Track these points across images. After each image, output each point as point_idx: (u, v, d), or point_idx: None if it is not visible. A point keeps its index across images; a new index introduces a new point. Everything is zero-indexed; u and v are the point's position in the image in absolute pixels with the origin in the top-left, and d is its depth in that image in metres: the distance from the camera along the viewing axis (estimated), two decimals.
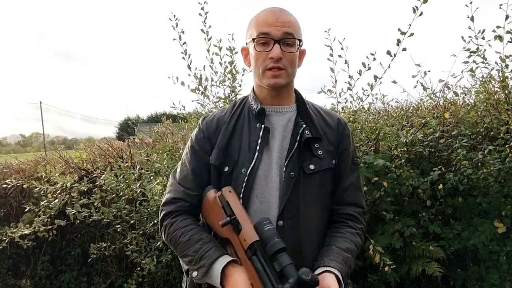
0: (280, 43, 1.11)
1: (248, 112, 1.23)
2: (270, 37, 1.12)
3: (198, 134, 1.26)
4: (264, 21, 1.13)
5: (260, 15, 1.17)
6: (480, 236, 2.33)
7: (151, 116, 31.94)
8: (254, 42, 1.14)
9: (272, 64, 1.12)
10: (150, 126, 4.74)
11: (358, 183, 1.25)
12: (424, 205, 2.43)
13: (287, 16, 1.15)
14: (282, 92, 1.21)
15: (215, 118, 1.26)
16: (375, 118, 2.62)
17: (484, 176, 2.20)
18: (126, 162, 2.95)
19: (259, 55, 1.14)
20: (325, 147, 1.18)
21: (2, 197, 3.62)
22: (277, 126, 1.20)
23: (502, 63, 2.31)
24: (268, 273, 0.95)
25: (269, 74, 1.14)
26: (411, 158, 2.53)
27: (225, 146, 1.19)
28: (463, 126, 2.44)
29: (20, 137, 79.70)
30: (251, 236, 0.99)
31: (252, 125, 1.20)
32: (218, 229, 1.09)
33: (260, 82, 1.19)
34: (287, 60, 1.14)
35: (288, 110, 1.23)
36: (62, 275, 3.44)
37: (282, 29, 1.11)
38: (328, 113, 1.28)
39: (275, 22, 1.12)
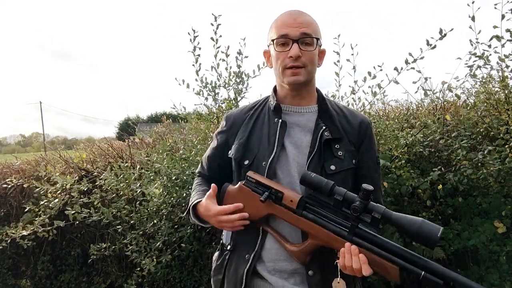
0: (299, 43, 1.16)
1: (268, 110, 1.29)
2: (289, 38, 1.17)
3: (220, 126, 1.39)
4: (282, 23, 1.19)
5: (279, 18, 1.22)
6: (480, 236, 2.33)
7: (151, 116, 31.92)
8: (274, 43, 1.20)
9: (291, 63, 1.17)
10: (150, 126, 4.74)
11: (378, 183, 1.30)
12: (424, 205, 2.43)
13: (305, 17, 1.20)
14: (302, 91, 1.25)
15: (232, 115, 1.35)
16: (375, 122, 2.61)
17: (484, 176, 2.20)
18: (126, 162, 2.95)
19: (279, 55, 1.19)
20: (346, 147, 1.21)
21: (2, 197, 3.62)
22: (293, 125, 1.24)
23: (501, 63, 2.32)
24: (326, 215, 1.06)
25: (289, 72, 1.19)
26: (411, 159, 2.53)
27: (246, 141, 1.26)
28: (463, 127, 2.44)
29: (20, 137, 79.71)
30: (296, 195, 1.08)
31: (271, 121, 1.26)
32: (256, 211, 1.13)
33: (281, 81, 1.24)
34: (306, 58, 1.18)
35: (308, 110, 1.27)
36: (62, 275, 3.44)
37: (300, 30, 1.16)
38: (352, 112, 1.30)
39: (293, 23, 1.17)
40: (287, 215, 1.09)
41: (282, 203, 1.09)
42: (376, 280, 2.53)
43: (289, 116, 1.26)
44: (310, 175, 1.04)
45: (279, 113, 1.25)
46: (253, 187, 1.14)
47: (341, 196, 1.00)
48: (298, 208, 1.07)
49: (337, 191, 1.01)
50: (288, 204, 1.08)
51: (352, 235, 1.00)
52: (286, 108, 1.27)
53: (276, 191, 1.09)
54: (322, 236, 1.05)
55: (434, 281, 0.89)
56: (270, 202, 1.10)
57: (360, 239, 1.00)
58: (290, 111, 1.26)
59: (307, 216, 1.07)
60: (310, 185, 1.04)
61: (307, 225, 1.06)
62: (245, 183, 1.16)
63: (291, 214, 1.08)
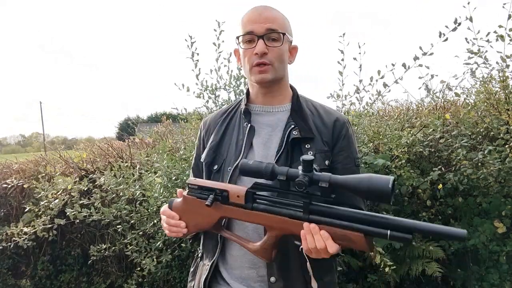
0: (264, 39, 1.12)
1: (240, 113, 1.26)
2: (254, 34, 1.13)
3: (198, 133, 1.35)
4: (248, 20, 1.15)
5: (245, 14, 1.18)
6: (480, 236, 2.33)
7: (151, 116, 31.89)
8: (240, 40, 1.16)
9: (257, 60, 1.13)
10: (150, 126, 4.74)
11: None
12: (424, 205, 2.43)
13: (271, 11, 1.15)
14: (272, 90, 1.20)
15: (208, 119, 1.32)
16: (377, 122, 2.61)
17: (484, 176, 2.20)
18: (126, 162, 2.95)
19: (246, 53, 1.16)
20: (318, 148, 1.14)
21: (2, 197, 3.62)
22: (264, 126, 1.20)
23: (502, 63, 2.31)
24: (278, 201, 0.98)
25: (256, 70, 1.14)
26: (411, 158, 2.53)
27: (216, 146, 1.23)
28: (463, 126, 2.44)
29: (20, 137, 79.69)
30: (241, 188, 1.01)
31: (241, 125, 1.22)
32: (207, 218, 1.06)
33: (250, 79, 1.20)
34: (273, 55, 1.13)
35: (279, 109, 1.22)
36: (62, 275, 3.44)
37: (265, 25, 1.12)
38: (327, 111, 1.23)
39: (258, 18, 1.13)
40: (238, 213, 1.01)
41: (230, 202, 1.01)
42: (376, 280, 2.54)
43: (260, 117, 1.22)
44: (248, 163, 0.95)
45: (248, 117, 1.22)
46: (197, 194, 1.06)
47: (284, 175, 0.92)
48: (246, 202, 0.99)
49: (279, 171, 0.92)
50: (235, 201, 1.00)
51: (308, 213, 0.92)
52: (257, 109, 1.23)
53: (221, 191, 1.01)
54: (278, 224, 0.97)
55: (402, 237, 0.82)
56: (218, 205, 1.03)
57: (317, 216, 0.92)
58: (261, 111, 1.23)
59: (258, 207, 0.98)
60: (251, 173, 0.95)
61: (260, 217, 0.98)
62: (188, 192, 1.08)
63: (242, 210, 1.00)
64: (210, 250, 1.20)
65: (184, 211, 1.09)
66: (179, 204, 1.11)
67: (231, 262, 1.17)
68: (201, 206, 1.04)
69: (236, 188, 1.01)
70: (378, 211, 2.48)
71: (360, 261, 2.58)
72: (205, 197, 1.03)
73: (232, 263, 1.17)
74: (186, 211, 1.09)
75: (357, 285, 2.63)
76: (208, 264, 1.19)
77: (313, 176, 0.89)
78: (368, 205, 2.46)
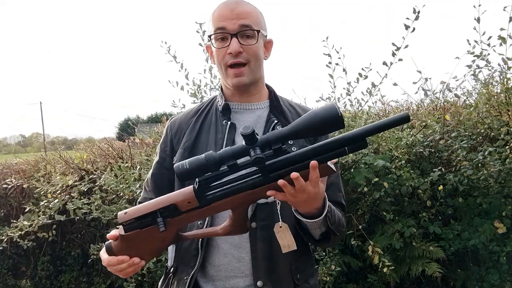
0: (238, 37, 1.05)
1: (215, 110, 1.18)
2: (226, 32, 1.06)
3: (163, 136, 1.25)
4: (219, 16, 1.07)
5: (215, 10, 1.11)
6: (480, 237, 2.33)
7: (151, 116, 31.93)
8: (212, 38, 1.09)
9: (232, 60, 1.06)
10: (150, 126, 4.74)
11: (338, 183, 1.18)
12: (424, 206, 2.43)
13: (243, 7, 1.08)
14: (250, 90, 1.15)
15: (178, 119, 1.23)
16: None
17: (484, 177, 2.20)
18: (126, 163, 2.96)
19: (219, 52, 1.08)
20: (301, 143, 1.11)
21: (2, 197, 3.62)
22: (245, 123, 1.13)
23: (504, 65, 2.32)
24: (230, 180, 0.89)
25: (231, 72, 1.08)
26: (411, 159, 2.53)
27: (192, 146, 1.14)
28: (463, 127, 2.44)
29: (20, 137, 79.69)
30: (187, 192, 0.88)
31: (219, 123, 1.15)
32: (161, 242, 0.95)
33: (226, 82, 1.13)
34: (249, 53, 1.07)
35: (258, 107, 1.17)
36: (62, 275, 3.44)
37: (238, 22, 1.05)
38: (304, 109, 1.22)
39: (230, 14, 1.06)
40: (196, 215, 0.91)
41: (183, 212, 0.90)
42: (376, 280, 2.54)
43: (239, 115, 1.16)
44: (183, 166, 0.83)
45: (227, 114, 1.14)
46: (137, 225, 0.92)
47: (232, 158, 0.83)
48: (200, 201, 0.88)
49: (224, 156, 0.83)
50: (189, 207, 0.89)
51: (268, 173, 0.85)
52: (236, 106, 1.16)
53: (166, 208, 0.89)
54: (242, 200, 0.88)
55: (359, 145, 0.84)
56: (169, 221, 0.90)
57: (277, 171, 0.85)
58: (240, 109, 1.16)
59: (215, 197, 0.88)
60: (193, 174, 0.84)
61: (222, 205, 0.89)
62: (126, 229, 0.93)
63: (200, 211, 0.90)
64: (187, 262, 1.10)
65: (131, 247, 0.95)
66: (120, 244, 0.96)
67: (213, 273, 1.08)
68: (151, 233, 0.92)
69: (182, 194, 0.89)
70: (378, 211, 2.49)
71: (360, 261, 2.58)
72: (149, 223, 0.91)
73: (214, 274, 1.08)
74: (134, 246, 0.95)
75: (357, 285, 2.63)
76: (186, 278, 1.08)
77: (262, 143, 0.82)
78: (368, 205, 2.46)
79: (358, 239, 2.40)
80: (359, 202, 2.49)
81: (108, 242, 0.98)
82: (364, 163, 2.35)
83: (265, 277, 1.05)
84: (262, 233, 1.06)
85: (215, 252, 1.08)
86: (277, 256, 1.06)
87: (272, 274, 1.06)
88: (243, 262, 1.07)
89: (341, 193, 1.19)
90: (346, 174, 2.37)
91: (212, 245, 1.09)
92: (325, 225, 1.00)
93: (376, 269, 2.42)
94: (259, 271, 1.05)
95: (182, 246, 1.13)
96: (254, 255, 1.06)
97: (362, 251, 2.51)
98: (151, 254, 0.99)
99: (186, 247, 1.11)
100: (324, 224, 1.00)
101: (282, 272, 1.07)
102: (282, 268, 1.07)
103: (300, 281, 1.09)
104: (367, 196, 2.42)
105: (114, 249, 0.97)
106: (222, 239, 1.07)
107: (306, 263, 1.15)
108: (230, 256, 1.07)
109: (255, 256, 1.06)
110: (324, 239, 1.06)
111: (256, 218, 1.06)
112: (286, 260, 1.07)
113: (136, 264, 0.96)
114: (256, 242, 1.06)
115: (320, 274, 2.29)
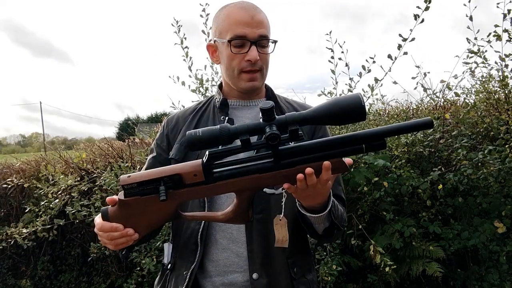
0: (257, 45, 1.09)
1: (213, 107, 1.20)
2: (247, 39, 1.08)
3: (159, 132, 1.26)
4: (239, 21, 1.08)
5: (232, 12, 1.11)
6: (480, 236, 2.33)
7: (151, 116, 31.93)
8: (230, 43, 1.09)
9: (250, 67, 1.09)
10: (150, 126, 4.74)
11: (338, 178, 1.18)
12: (424, 205, 2.43)
13: (260, 14, 1.11)
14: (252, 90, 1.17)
15: (175, 116, 1.25)
16: (375, 120, 2.62)
17: (484, 176, 2.20)
18: (126, 162, 2.95)
19: (234, 57, 1.10)
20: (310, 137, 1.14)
21: (2, 197, 3.62)
22: (243, 119, 1.15)
23: (501, 62, 2.32)
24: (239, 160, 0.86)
25: (246, 77, 1.11)
26: (411, 158, 2.53)
27: None
28: (463, 126, 2.44)
29: (20, 137, 79.67)
30: (195, 164, 0.84)
31: (216, 118, 1.16)
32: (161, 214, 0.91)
33: (234, 84, 1.15)
34: (263, 61, 1.11)
35: (256, 103, 1.19)
36: (62, 275, 3.44)
37: (258, 31, 1.08)
38: (302, 105, 1.24)
39: (250, 22, 1.08)
40: (199, 192, 0.86)
41: (187, 185, 0.85)
42: (376, 280, 2.54)
43: (238, 111, 1.18)
44: (197, 134, 0.79)
45: (225, 110, 1.16)
46: (138, 192, 0.87)
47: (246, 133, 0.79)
48: (207, 177, 0.84)
49: (239, 130, 0.79)
50: (193, 181, 0.84)
51: (279, 159, 0.82)
52: (234, 103, 1.18)
53: (170, 177, 0.85)
54: (249, 184, 0.85)
55: (377, 145, 0.81)
56: (171, 193, 0.86)
57: (290, 159, 0.82)
58: (238, 105, 1.19)
59: (222, 176, 0.84)
60: (203, 144, 0.79)
61: (227, 185, 0.85)
62: (126, 194, 0.88)
63: (203, 187, 0.85)
64: (186, 257, 1.09)
65: (128, 216, 0.90)
66: (117, 211, 0.91)
67: (211, 269, 1.08)
68: (150, 203, 0.88)
69: (189, 166, 0.84)
70: (378, 211, 2.49)
71: (360, 261, 2.58)
72: (151, 191, 0.87)
73: (212, 270, 1.08)
74: (131, 215, 0.90)
75: (357, 285, 2.63)
76: (186, 273, 1.07)
77: (279, 122, 0.78)
78: (368, 205, 2.46)
79: (358, 239, 2.40)
80: (359, 202, 2.49)
81: (105, 207, 0.93)
82: (364, 163, 2.35)
83: (261, 269, 1.06)
84: (259, 226, 1.07)
85: (214, 247, 1.08)
86: (274, 250, 1.07)
87: (268, 267, 1.07)
88: (241, 257, 1.07)
89: (341, 186, 1.20)
90: (346, 174, 2.37)
91: (211, 240, 1.09)
92: (329, 220, 1.01)
93: (376, 269, 2.42)
94: (255, 264, 1.06)
95: (179, 242, 1.13)
96: (250, 248, 1.06)
97: (362, 250, 2.51)
98: (147, 227, 0.93)
99: (184, 242, 1.11)
100: (328, 219, 1.00)
101: (278, 266, 1.08)
102: (278, 261, 1.08)
103: (297, 275, 1.10)
104: (367, 196, 2.42)
105: (110, 214, 0.91)
106: (220, 234, 1.08)
107: (304, 259, 1.15)
108: (229, 251, 1.08)
109: (251, 249, 1.06)
110: (327, 234, 1.06)
111: (253, 211, 1.05)
112: (283, 254, 1.08)
113: (130, 235, 0.91)
114: (252, 235, 1.06)
115: (321, 274, 2.29)
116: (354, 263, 2.54)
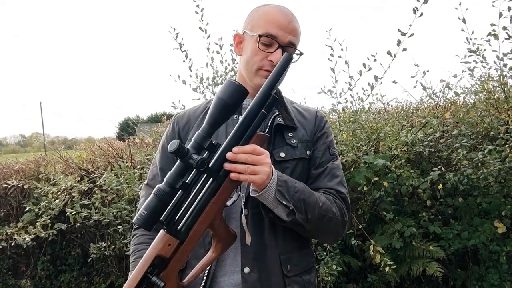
0: (283, 49, 1.10)
1: None
2: (277, 41, 1.10)
3: (168, 130, 1.26)
4: (275, 22, 1.11)
5: (271, 12, 1.13)
6: (480, 236, 2.33)
7: (151, 116, 31.92)
8: (260, 38, 1.11)
9: (269, 67, 1.11)
10: (150, 126, 4.74)
11: (335, 172, 1.19)
12: (424, 205, 2.43)
13: (296, 24, 1.14)
14: None
15: (186, 113, 1.26)
16: (375, 118, 2.62)
17: (484, 176, 2.20)
18: (127, 162, 2.95)
19: (258, 53, 1.12)
20: (301, 137, 1.16)
21: (2, 197, 3.62)
22: None
23: (499, 61, 2.32)
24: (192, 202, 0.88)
25: (264, 74, 1.12)
26: (411, 158, 2.53)
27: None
28: (463, 126, 2.44)
29: (20, 137, 79.65)
30: (161, 237, 0.86)
31: None
32: None
33: (249, 79, 1.16)
34: None
35: None
36: (62, 275, 3.44)
37: (289, 37, 1.11)
38: (306, 108, 1.27)
39: (286, 26, 1.11)
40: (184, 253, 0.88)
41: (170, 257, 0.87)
42: (376, 280, 2.54)
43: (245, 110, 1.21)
44: (142, 214, 0.82)
45: (239, 109, 1.14)
46: None
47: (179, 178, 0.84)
48: (178, 236, 0.86)
49: (169, 181, 0.84)
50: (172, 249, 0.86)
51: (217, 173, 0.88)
52: (246, 102, 1.16)
53: (152, 265, 0.86)
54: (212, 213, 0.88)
55: (269, 103, 0.94)
56: (164, 274, 0.87)
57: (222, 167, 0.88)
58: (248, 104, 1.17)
59: (188, 225, 0.87)
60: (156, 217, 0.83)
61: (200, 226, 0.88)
62: None
63: (184, 246, 0.88)
64: None
65: None
66: None
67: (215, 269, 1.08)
68: None
69: (158, 242, 0.86)
70: (378, 211, 2.49)
71: (360, 261, 2.58)
72: None
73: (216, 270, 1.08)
74: None
75: (357, 285, 2.63)
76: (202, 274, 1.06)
77: (193, 148, 0.85)
78: (368, 205, 2.46)
79: (358, 239, 2.40)
80: (359, 202, 2.49)
81: None
82: (364, 163, 2.35)
83: (252, 263, 1.06)
84: (254, 219, 1.07)
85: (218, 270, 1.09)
86: (267, 245, 1.07)
87: (260, 262, 1.07)
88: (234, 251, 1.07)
89: (338, 179, 1.19)
90: (346, 174, 2.37)
91: None
92: (281, 201, 0.99)
93: (376, 269, 2.42)
94: (247, 258, 1.06)
95: None
96: (243, 241, 1.06)
97: (362, 250, 2.51)
98: None
99: None
100: (279, 200, 0.99)
101: (270, 261, 1.08)
102: (271, 257, 1.08)
103: (290, 273, 1.10)
104: (367, 196, 2.42)
105: None
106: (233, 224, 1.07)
107: (300, 258, 1.15)
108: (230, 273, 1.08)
109: (244, 243, 1.06)
110: (296, 222, 1.03)
111: (248, 205, 1.07)
112: (276, 250, 1.09)
113: None
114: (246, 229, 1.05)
115: (321, 274, 2.29)
116: (354, 263, 2.54)
